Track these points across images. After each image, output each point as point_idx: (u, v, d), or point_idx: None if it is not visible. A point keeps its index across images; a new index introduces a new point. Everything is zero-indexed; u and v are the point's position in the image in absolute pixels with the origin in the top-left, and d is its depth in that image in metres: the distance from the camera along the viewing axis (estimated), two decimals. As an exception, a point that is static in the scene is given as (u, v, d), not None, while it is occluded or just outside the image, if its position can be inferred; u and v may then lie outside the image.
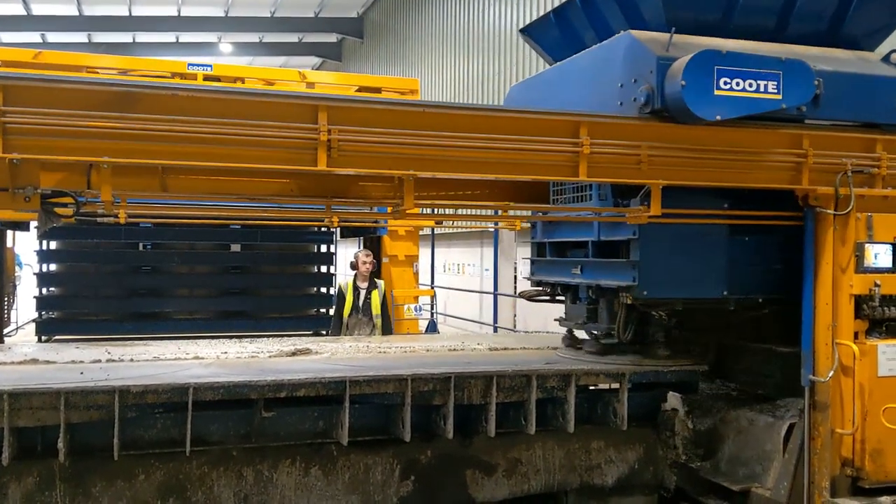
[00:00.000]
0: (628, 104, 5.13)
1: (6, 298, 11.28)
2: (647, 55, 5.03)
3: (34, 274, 11.09)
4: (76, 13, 28.81)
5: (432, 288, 17.09)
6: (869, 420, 5.12)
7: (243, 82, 11.40)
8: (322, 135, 4.36)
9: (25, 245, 13.76)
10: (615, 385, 5.94)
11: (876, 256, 5.21)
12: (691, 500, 6.03)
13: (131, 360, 5.87)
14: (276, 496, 5.32)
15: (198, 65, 11.44)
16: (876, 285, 5.18)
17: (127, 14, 29.40)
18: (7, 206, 4.37)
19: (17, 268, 13.22)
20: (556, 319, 6.86)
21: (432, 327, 16.58)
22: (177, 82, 10.38)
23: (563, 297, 6.67)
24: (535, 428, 5.57)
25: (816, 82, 5.09)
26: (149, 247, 10.86)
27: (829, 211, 5.23)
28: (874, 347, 5.18)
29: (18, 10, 28.05)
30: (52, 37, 30.10)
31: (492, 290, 18.90)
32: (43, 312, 10.82)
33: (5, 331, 11.21)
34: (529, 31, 6.77)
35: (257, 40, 33.83)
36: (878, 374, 5.17)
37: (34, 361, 5.72)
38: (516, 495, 5.87)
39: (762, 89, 4.82)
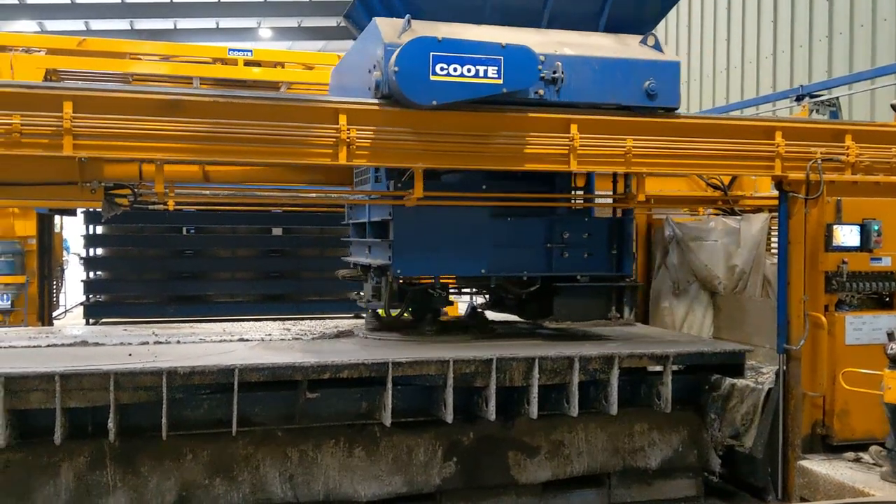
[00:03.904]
0: (372, 89, 5.26)
1: (55, 282, 11.54)
2: (379, 42, 5.15)
3: (81, 258, 11.31)
4: (118, 1, 29.14)
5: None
6: (837, 384, 5.59)
7: (283, 67, 11.45)
8: (342, 134, 4.86)
9: (72, 230, 14.04)
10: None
11: (844, 237, 5.70)
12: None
13: (178, 342, 5.96)
14: (320, 476, 5.38)
15: (238, 50, 11.51)
16: (844, 262, 5.62)
17: (168, 1, 29.67)
18: (77, 196, 5.15)
19: (64, 252, 13.51)
20: (352, 298, 7.01)
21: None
22: (218, 75, 10.61)
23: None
24: (578, 410, 5.55)
25: (553, 66, 5.26)
26: (192, 231, 11.00)
27: (800, 195, 5.70)
28: (842, 319, 5.72)
29: (63, -2, 28.45)
30: (95, 24, 30.47)
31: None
32: (90, 296, 11.03)
33: (54, 314, 11.49)
34: (348, 16, 6.76)
35: (296, 25, 33.90)
36: (845, 342, 5.70)
37: (84, 343, 5.84)
38: (559, 477, 5.87)
39: (482, 74, 4.93)
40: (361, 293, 6.87)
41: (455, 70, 4.86)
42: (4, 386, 4.64)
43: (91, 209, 10.05)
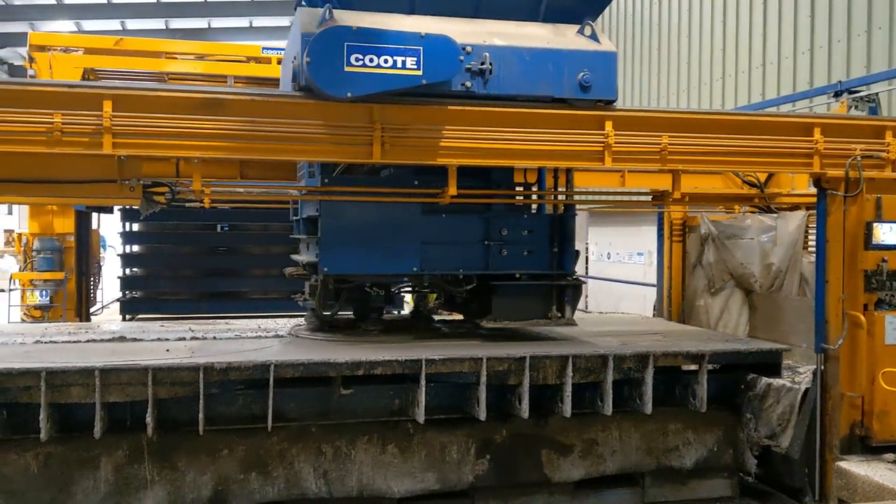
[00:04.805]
0: (291, 81, 5.14)
1: (92, 279, 11.71)
2: (297, 31, 4.94)
3: (118, 255, 11.48)
4: (154, 0, 29.50)
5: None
6: (876, 384, 5.56)
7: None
8: (377, 132, 4.86)
9: (109, 227, 14.24)
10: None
11: (884, 234, 5.57)
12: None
13: (214, 338, 6.03)
14: (354, 472, 5.41)
15: (272, 48, 11.60)
16: (884, 261, 5.54)
17: (202, 0, 29.96)
18: (115, 194, 5.14)
19: (101, 249, 13.70)
20: (293, 296, 6.88)
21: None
22: (252, 74, 10.70)
23: None
24: (612, 409, 5.51)
25: (480, 57, 5.04)
26: (225, 228, 11.12)
27: (839, 193, 5.63)
28: (882, 318, 5.63)
29: (99, -2, 28.87)
30: (132, 24, 30.87)
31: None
32: (126, 292, 11.18)
33: (91, 310, 11.66)
34: (297, 7, 6.36)
35: (328, 23, 34.04)
36: (885, 342, 5.61)
37: (122, 339, 5.92)
38: (592, 476, 5.85)
39: (400, 65, 4.73)
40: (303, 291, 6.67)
41: (371, 61, 4.68)
42: (46, 380, 4.72)
43: (128, 206, 10.19)
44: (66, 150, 4.55)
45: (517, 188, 6.58)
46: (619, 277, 17.02)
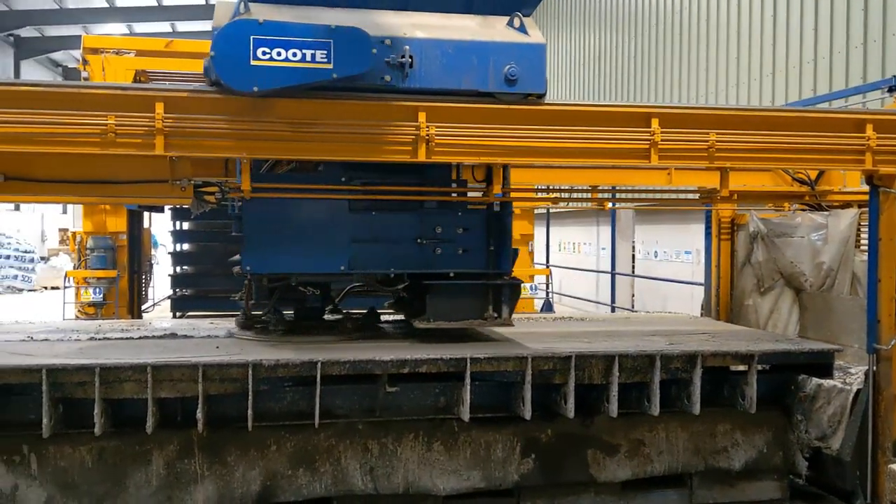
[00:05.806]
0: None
1: (144, 276, 11.96)
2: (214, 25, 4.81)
3: (168, 253, 11.68)
4: (203, 2, 29.99)
5: (547, 267, 17.02)
6: None
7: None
8: (422, 131, 4.90)
9: (160, 226, 14.51)
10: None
11: None
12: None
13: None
14: (400, 469, 5.45)
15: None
16: None
17: (249, 1, 30.43)
18: (167, 194, 5.24)
19: (152, 247, 13.98)
20: (231, 297, 6.76)
21: (548, 307, 16.54)
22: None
23: None
24: (659, 409, 5.47)
25: (400, 50, 4.88)
26: (273, 226, 11.23)
27: (892, 190, 5.58)
28: None
29: (150, 1, 29.45)
30: (182, 26, 31.48)
31: (608, 269, 18.69)
32: (177, 289, 11.38)
33: (143, 307, 11.90)
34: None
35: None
36: None
37: (173, 336, 6.04)
38: (639, 477, 5.80)
39: (309, 58, 4.61)
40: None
41: (279, 54, 4.57)
42: (100, 376, 4.84)
43: (178, 206, 10.37)
44: (119, 151, 4.64)
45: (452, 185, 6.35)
46: (666, 276, 16.85)
